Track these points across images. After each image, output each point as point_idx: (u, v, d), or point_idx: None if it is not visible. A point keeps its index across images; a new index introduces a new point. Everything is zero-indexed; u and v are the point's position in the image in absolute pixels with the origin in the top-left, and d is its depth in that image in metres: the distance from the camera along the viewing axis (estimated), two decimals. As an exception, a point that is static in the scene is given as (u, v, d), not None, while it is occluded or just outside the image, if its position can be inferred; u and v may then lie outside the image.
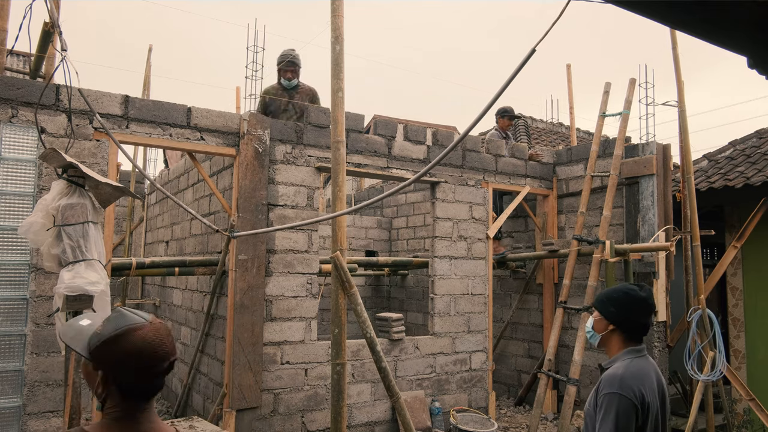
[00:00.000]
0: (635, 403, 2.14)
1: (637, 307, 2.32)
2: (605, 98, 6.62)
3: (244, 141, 5.12)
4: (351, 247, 9.77)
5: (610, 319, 2.36)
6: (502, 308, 8.05)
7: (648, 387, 2.20)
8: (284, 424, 5.19)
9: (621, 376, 2.20)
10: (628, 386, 2.16)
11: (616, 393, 2.15)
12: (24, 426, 4.10)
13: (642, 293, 2.34)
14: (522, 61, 2.39)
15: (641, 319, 2.34)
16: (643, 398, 2.16)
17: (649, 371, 2.28)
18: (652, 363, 2.35)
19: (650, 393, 2.20)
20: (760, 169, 6.58)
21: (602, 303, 2.40)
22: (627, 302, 2.32)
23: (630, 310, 2.32)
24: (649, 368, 2.29)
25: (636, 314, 2.33)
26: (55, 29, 3.85)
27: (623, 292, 2.36)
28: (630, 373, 2.21)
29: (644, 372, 2.25)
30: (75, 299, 3.13)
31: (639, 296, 2.32)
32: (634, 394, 2.15)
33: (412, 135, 6.30)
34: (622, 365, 2.26)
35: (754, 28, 1.72)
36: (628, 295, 2.34)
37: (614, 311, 2.35)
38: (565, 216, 7.25)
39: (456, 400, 6.32)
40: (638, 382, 2.19)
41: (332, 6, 3.77)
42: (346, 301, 3.72)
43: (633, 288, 2.37)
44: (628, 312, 2.33)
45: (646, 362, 2.32)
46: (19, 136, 4.24)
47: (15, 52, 11.17)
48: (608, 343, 2.39)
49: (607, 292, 2.43)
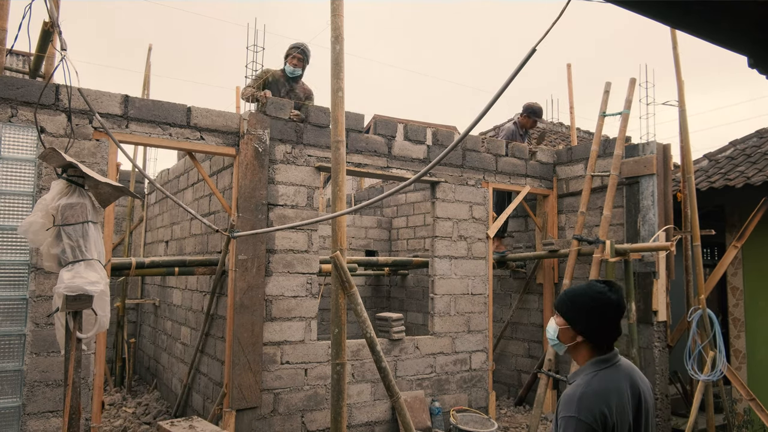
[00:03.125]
0: (594, 428, 1.87)
1: (609, 313, 2.03)
2: (605, 98, 6.61)
3: (244, 141, 5.12)
4: (351, 247, 9.77)
5: (578, 328, 2.07)
6: (502, 308, 8.05)
7: (615, 404, 1.94)
8: (284, 424, 5.19)
9: (580, 397, 1.94)
10: (587, 408, 1.89)
11: (573, 417, 1.90)
12: (23, 426, 4.10)
13: (612, 295, 2.03)
14: (522, 60, 2.38)
15: (612, 325, 2.05)
16: (606, 420, 1.89)
17: (620, 383, 2.00)
18: (627, 371, 2.07)
19: (618, 411, 1.93)
20: (761, 169, 6.57)
21: (568, 308, 2.10)
22: (598, 309, 2.02)
23: (601, 317, 2.03)
24: (620, 380, 2.01)
25: (608, 322, 2.04)
26: (55, 29, 3.85)
27: (591, 297, 2.04)
28: (592, 390, 1.95)
29: (612, 386, 1.97)
30: (75, 299, 3.13)
31: (610, 300, 2.02)
32: (594, 417, 1.88)
33: (412, 135, 6.30)
34: (583, 382, 2.00)
35: (754, 28, 1.72)
36: (598, 300, 2.03)
37: (583, 320, 2.06)
38: (566, 216, 7.25)
39: (456, 400, 6.32)
40: (601, 400, 1.92)
41: (332, 6, 3.77)
42: (346, 301, 3.72)
43: (602, 290, 2.04)
44: (599, 320, 2.03)
45: (616, 373, 2.03)
46: (18, 136, 4.24)
47: (15, 52, 11.17)
48: (576, 354, 2.12)
49: (572, 296, 2.10)
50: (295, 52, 6.11)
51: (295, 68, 6.14)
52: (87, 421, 4.32)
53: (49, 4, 3.74)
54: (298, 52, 6.10)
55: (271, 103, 5.40)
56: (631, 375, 2.06)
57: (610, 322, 2.04)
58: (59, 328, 3.26)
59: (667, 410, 6.07)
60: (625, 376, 2.04)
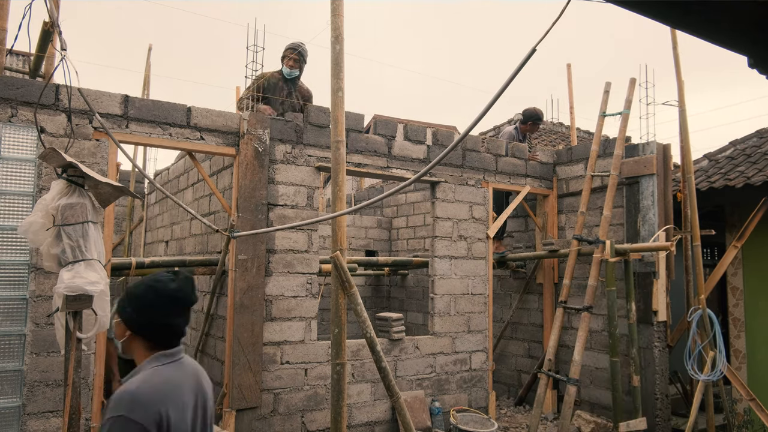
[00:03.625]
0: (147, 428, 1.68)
1: (163, 305, 1.85)
2: (605, 98, 6.61)
3: (244, 141, 5.12)
4: (351, 246, 9.77)
5: (127, 323, 1.87)
6: (502, 308, 8.05)
7: (175, 402, 1.78)
8: (284, 424, 5.19)
9: (133, 394, 1.72)
10: (141, 406, 1.70)
11: (122, 416, 1.67)
12: (23, 426, 4.09)
13: (172, 285, 1.86)
14: (522, 60, 2.38)
15: (168, 319, 1.86)
16: (161, 419, 1.72)
17: (183, 381, 1.85)
18: (192, 369, 1.93)
19: (177, 410, 1.78)
20: (761, 169, 6.57)
21: (122, 300, 1.91)
22: (150, 300, 1.85)
23: (153, 310, 1.85)
24: (183, 377, 1.86)
25: (160, 315, 1.85)
26: (55, 29, 3.85)
27: (147, 286, 1.86)
28: (149, 387, 1.76)
29: (173, 384, 1.82)
30: (75, 299, 3.13)
31: (167, 291, 1.85)
32: (147, 417, 1.69)
33: (412, 135, 6.30)
34: (139, 379, 1.79)
35: (754, 28, 1.72)
36: (153, 289, 1.85)
37: (132, 313, 1.86)
38: (566, 216, 7.25)
39: (456, 400, 6.32)
40: (160, 398, 1.74)
41: (332, 6, 3.76)
42: (346, 301, 3.72)
43: (161, 279, 1.88)
44: (149, 313, 1.85)
45: (180, 369, 1.87)
46: (18, 136, 4.24)
47: (14, 52, 11.17)
48: (132, 350, 1.90)
49: (130, 287, 1.93)
50: (291, 53, 6.05)
51: (292, 69, 6.06)
52: (87, 421, 4.32)
53: (49, 4, 3.74)
54: (295, 53, 6.05)
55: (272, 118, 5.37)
56: (197, 375, 1.94)
57: (165, 315, 1.86)
58: (59, 328, 3.26)
59: (667, 410, 6.07)
60: (190, 373, 1.91)
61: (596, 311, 6.37)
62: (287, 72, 6.07)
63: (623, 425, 5.46)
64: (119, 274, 5.31)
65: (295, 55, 6.04)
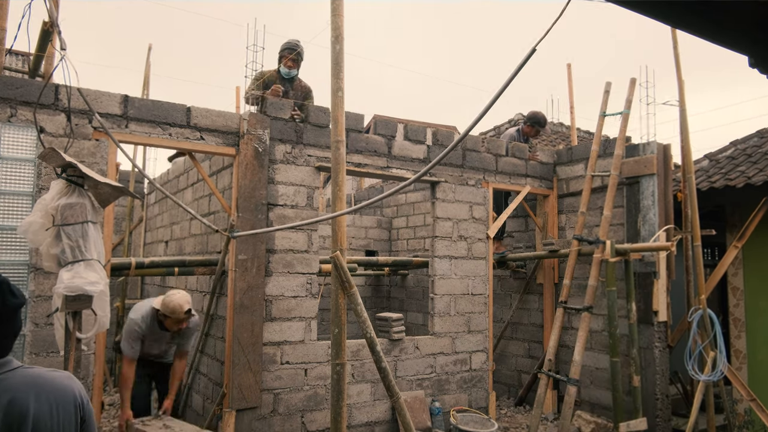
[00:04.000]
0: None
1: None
2: (605, 98, 6.61)
3: (244, 141, 5.12)
4: (351, 247, 9.76)
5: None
6: (502, 308, 8.05)
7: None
8: (284, 424, 5.18)
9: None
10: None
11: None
12: (23, 426, 4.08)
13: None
14: (522, 60, 2.38)
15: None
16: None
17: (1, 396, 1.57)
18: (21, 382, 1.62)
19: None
20: (762, 169, 6.57)
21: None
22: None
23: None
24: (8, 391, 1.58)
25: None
26: (55, 28, 3.84)
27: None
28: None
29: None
30: (74, 299, 3.12)
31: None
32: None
33: (412, 135, 6.30)
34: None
35: (755, 27, 1.72)
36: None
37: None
38: (566, 216, 7.25)
39: (456, 400, 6.31)
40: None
41: (332, 6, 3.76)
42: (346, 301, 3.71)
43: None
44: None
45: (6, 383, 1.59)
46: (18, 136, 4.24)
47: (14, 52, 11.16)
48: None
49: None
50: (290, 53, 6.08)
51: (290, 69, 6.10)
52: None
53: (49, 3, 3.73)
54: (293, 53, 6.08)
55: (271, 104, 5.39)
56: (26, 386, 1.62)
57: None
58: (59, 329, 3.26)
59: (667, 410, 6.06)
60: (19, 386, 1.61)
61: (596, 311, 6.37)
62: (285, 72, 6.09)
63: (623, 425, 5.46)
64: (119, 274, 5.30)
65: (294, 56, 6.07)
